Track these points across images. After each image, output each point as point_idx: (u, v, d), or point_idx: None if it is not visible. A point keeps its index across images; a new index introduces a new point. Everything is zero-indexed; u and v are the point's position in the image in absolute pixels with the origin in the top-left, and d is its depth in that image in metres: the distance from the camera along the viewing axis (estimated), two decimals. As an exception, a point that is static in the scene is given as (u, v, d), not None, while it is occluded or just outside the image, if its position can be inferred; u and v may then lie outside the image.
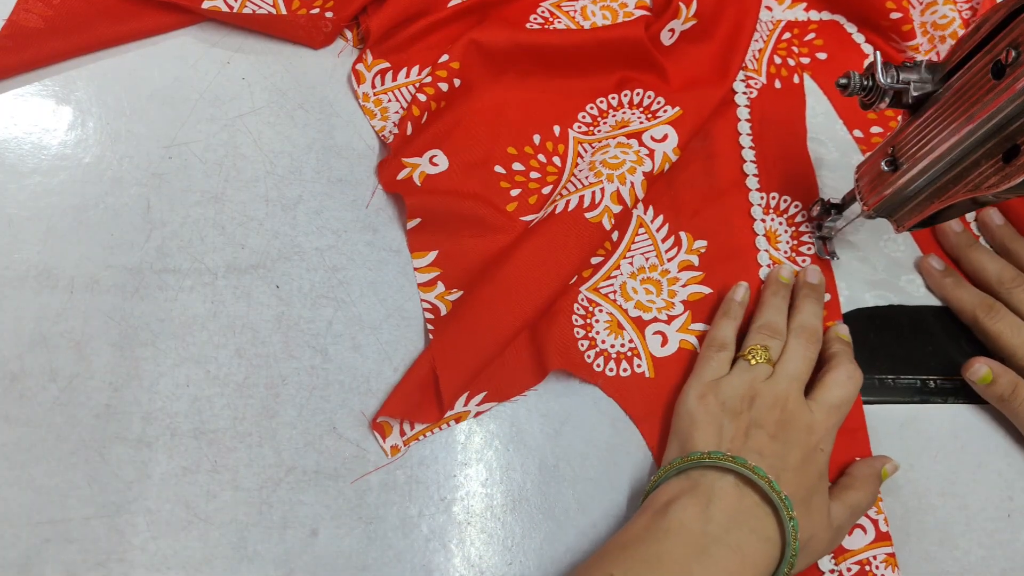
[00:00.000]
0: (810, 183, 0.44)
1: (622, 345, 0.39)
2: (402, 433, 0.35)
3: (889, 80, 0.31)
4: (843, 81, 0.33)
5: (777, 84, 0.47)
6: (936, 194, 0.32)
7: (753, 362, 0.36)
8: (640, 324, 0.39)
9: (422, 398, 0.36)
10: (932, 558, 0.36)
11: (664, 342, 0.39)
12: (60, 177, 0.38)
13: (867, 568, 0.35)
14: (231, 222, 0.39)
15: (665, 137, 0.41)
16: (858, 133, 0.46)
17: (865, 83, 0.32)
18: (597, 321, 0.39)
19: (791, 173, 0.44)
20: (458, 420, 0.36)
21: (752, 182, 0.43)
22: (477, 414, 0.36)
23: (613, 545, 0.31)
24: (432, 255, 0.39)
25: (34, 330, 0.35)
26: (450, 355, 0.36)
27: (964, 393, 0.39)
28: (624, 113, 0.44)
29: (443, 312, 0.38)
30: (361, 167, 0.41)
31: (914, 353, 0.40)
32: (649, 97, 0.44)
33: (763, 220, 0.42)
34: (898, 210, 0.35)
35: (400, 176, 0.40)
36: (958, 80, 0.30)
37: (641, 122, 0.43)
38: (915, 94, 0.31)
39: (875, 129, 0.46)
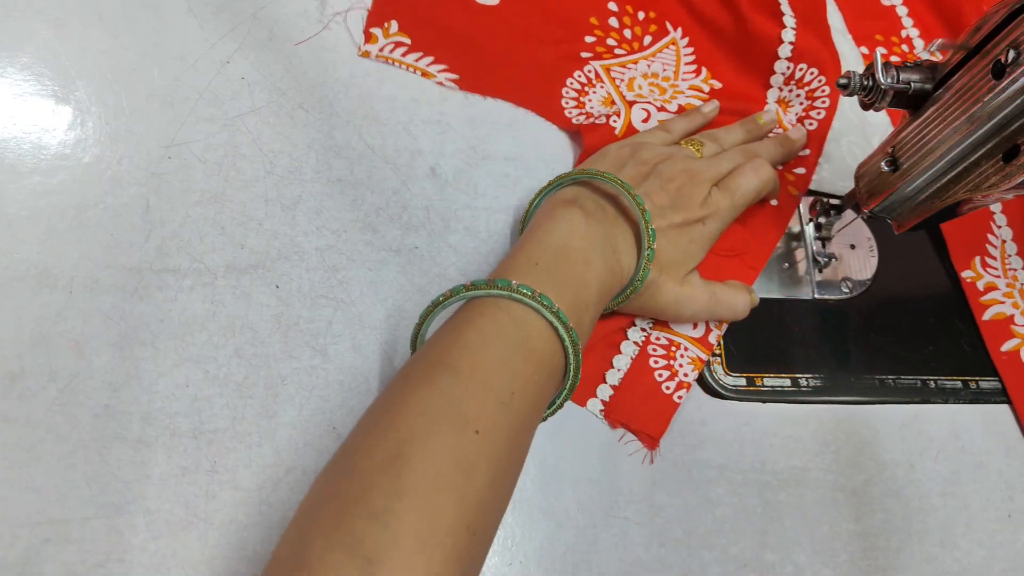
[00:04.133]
0: (836, 65, 0.46)
1: (606, 114, 0.42)
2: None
3: (889, 80, 0.31)
4: (843, 81, 0.33)
5: None
6: (936, 194, 0.32)
7: (684, 145, 0.39)
8: (631, 103, 0.43)
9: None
10: (933, 558, 0.36)
11: (647, 118, 0.42)
12: (59, 177, 0.38)
13: (673, 350, 0.37)
14: (231, 222, 0.39)
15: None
16: (864, 50, 0.49)
17: (865, 83, 0.32)
18: (595, 93, 0.42)
19: (822, 50, 0.46)
20: None
21: (785, 50, 0.45)
22: None
23: (526, 239, 0.34)
24: (394, 24, 0.43)
25: (34, 330, 0.35)
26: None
27: (964, 393, 0.39)
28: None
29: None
30: (361, 167, 0.41)
31: (914, 353, 0.40)
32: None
33: (780, 88, 0.45)
34: (898, 210, 0.35)
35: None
36: (958, 80, 0.30)
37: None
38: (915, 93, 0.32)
39: (880, 49, 0.49)
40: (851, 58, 0.49)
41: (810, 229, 0.43)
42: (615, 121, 0.42)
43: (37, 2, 0.42)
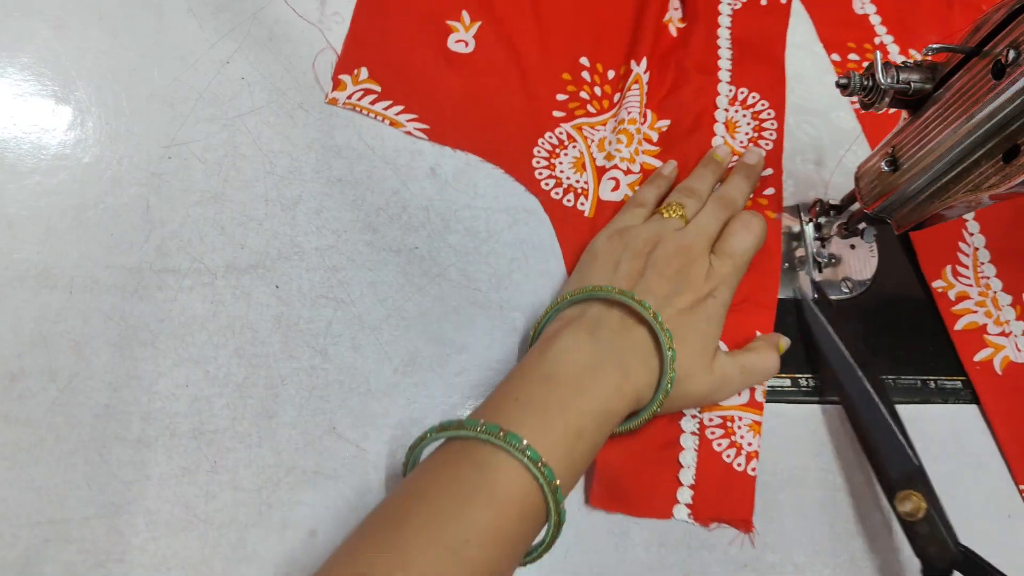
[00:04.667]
0: (780, 88, 0.47)
1: (577, 181, 0.42)
2: None
3: (889, 80, 0.31)
4: (843, 81, 0.33)
5: (763, 1, 0.50)
6: (936, 194, 0.32)
7: (667, 215, 0.38)
8: (601, 171, 0.42)
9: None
10: (932, 558, 0.36)
11: (616, 187, 0.42)
12: (59, 177, 0.38)
13: (730, 425, 0.36)
14: (231, 222, 0.39)
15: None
16: (835, 57, 0.49)
17: (865, 83, 0.32)
18: (566, 155, 0.42)
19: (764, 74, 0.47)
20: None
21: (724, 75, 0.46)
22: None
23: (513, 373, 0.33)
24: (363, 71, 0.43)
25: (34, 330, 0.35)
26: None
27: (964, 393, 0.39)
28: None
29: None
30: (361, 167, 0.41)
31: (914, 353, 0.40)
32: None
33: (725, 110, 0.45)
34: (898, 210, 0.35)
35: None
36: (958, 80, 0.30)
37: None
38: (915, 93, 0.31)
39: (852, 56, 0.49)
40: (821, 68, 0.49)
41: (810, 229, 0.43)
42: (583, 204, 0.42)
43: (37, 2, 0.42)
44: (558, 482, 0.28)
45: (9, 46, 0.41)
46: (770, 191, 0.43)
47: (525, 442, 0.28)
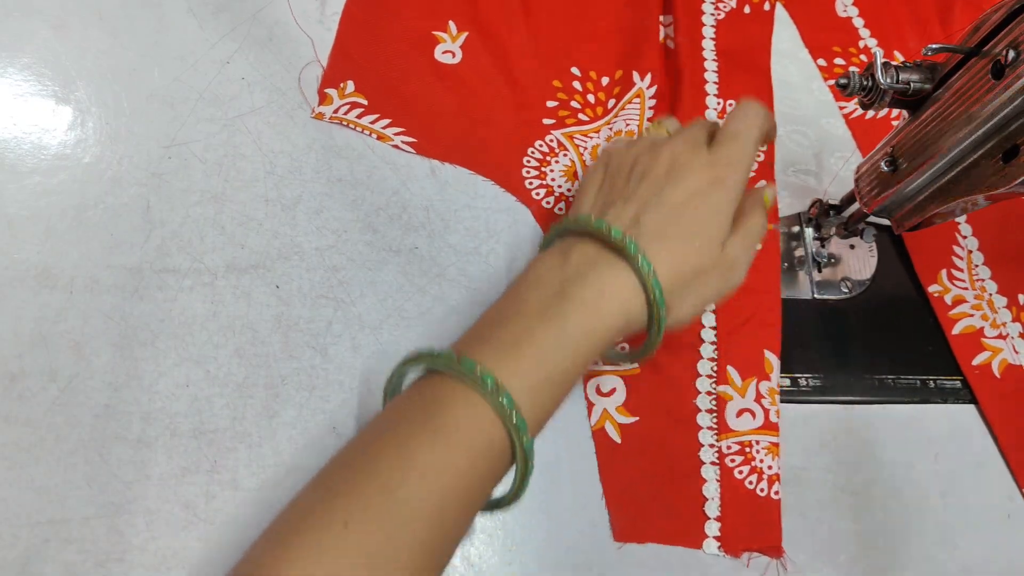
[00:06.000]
0: (767, 98, 0.46)
1: (568, 190, 0.41)
2: None
3: (889, 80, 0.31)
4: (843, 81, 0.33)
5: (747, 9, 0.49)
6: (936, 194, 0.32)
7: (651, 131, 0.36)
8: None
9: None
10: (932, 558, 0.36)
11: None
12: (60, 177, 0.38)
13: (748, 450, 0.36)
14: (231, 222, 0.39)
15: None
16: (822, 62, 0.49)
17: (865, 83, 0.32)
18: (557, 163, 0.41)
19: (750, 85, 0.46)
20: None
21: (711, 88, 0.45)
22: None
23: (491, 308, 0.31)
24: (350, 84, 0.42)
25: (34, 330, 0.35)
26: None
27: (964, 393, 0.39)
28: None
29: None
30: (361, 167, 0.41)
31: (914, 353, 0.40)
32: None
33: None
34: (898, 210, 0.35)
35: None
36: (958, 80, 0.30)
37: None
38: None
39: (838, 61, 0.48)
40: (807, 74, 0.48)
41: (809, 229, 0.43)
42: None
43: (37, 2, 0.42)
44: (522, 420, 0.27)
45: (9, 46, 0.41)
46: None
47: (490, 378, 0.27)
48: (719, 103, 0.45)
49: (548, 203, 0.41)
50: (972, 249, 0.43)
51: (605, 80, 0.46)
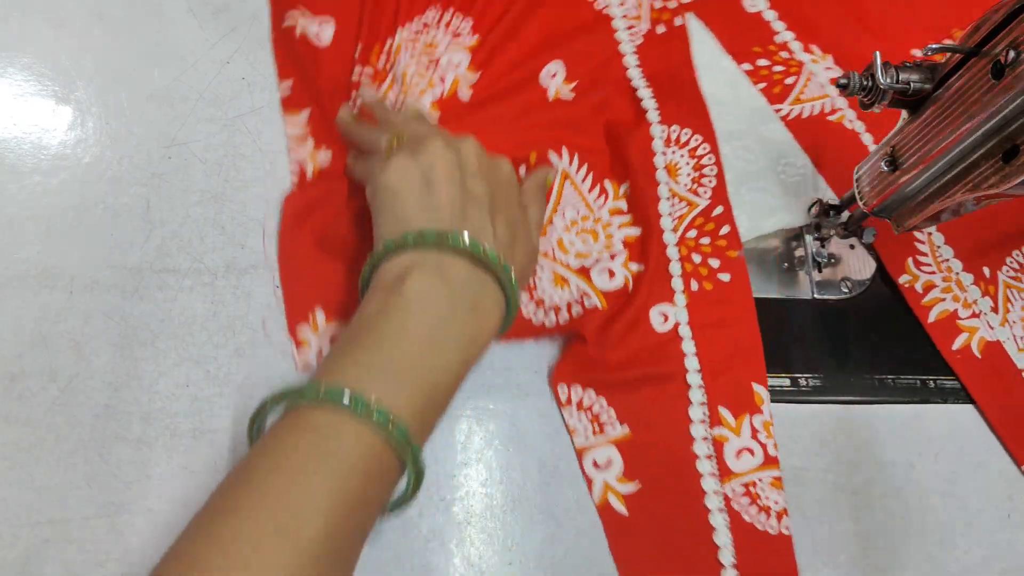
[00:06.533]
0: (705, 116, 0.44)
1: (571, 295, 0.38)
2: None
3: (889, 80, 0.31)
4: (843, 81, 0.33)
5: (660, 29, 0.46)
6: (936, 194, 0.32)
7: (395, 144, 0.36)
8: (584, 272, 0.39)
9: None
10: (932, 558, 0.36)
11: (612, 276, 0.39)
12: (60, 177, 0.38)
13: (752, 489, 0.36)
14: (231, 222, 0.39)
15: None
16: (747, 67, 0.46)
17: (865, 83, 0.32)
18: (540, 280, 0.38)
19: (688, 109, 0.44)
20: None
21: (653, 116, 0.43)
22: None
23: (354, 328, 0.30)
24: (304, 113, 0.41)
25: (34, 330, 0.35)
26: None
27: (963, 393, 0.39)
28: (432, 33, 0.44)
29: (309, 175, 0.40)
30: (361, 167, 0.41)
31: (914, 353, 0.40)
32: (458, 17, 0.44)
33: (664, 153, 0.42)
34: (897, 210, 0.35)
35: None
36: (958, 80, 0.30)
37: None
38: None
39: (761, 62, 0.46)
40: (735, 82, 0.45)
41: (809, 237, 0.42)
42: (590, 302, 0.39)
43: (37, 2, 0.42)
44: (413, 438, 0.28)
45: (9, 46, 0.41)
46: (726, 229, 0.40)
47: (373, 403, 0.27)
48: (663, 130, 0.43)
49: (551, 322, 0.38)
50: (931, 230, 0.43)
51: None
